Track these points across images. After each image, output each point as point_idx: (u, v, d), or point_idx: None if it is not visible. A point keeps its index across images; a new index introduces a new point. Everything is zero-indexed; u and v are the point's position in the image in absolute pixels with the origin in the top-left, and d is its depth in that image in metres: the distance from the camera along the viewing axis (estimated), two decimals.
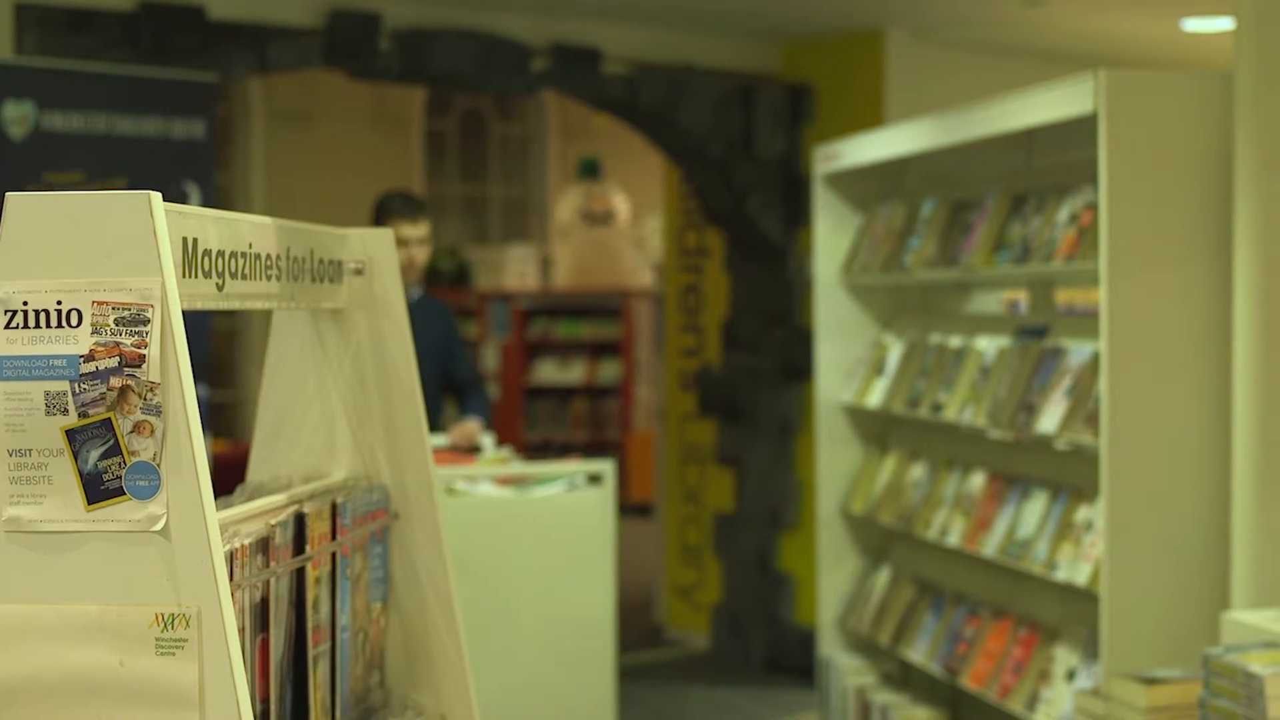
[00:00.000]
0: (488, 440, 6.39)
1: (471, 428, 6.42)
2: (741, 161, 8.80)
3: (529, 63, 8.11)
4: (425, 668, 3.31)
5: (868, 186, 6.91)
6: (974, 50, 9.11)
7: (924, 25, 8.67)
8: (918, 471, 6.34)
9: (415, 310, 6.04)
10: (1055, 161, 5.80)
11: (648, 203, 15.14)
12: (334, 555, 2.94)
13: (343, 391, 3.28)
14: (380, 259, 3.30)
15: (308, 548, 2.81)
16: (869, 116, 8.32)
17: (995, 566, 5.71)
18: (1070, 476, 5.37)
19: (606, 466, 5.95)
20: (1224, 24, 8.20)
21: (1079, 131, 5.10)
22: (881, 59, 8.66)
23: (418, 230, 6.31)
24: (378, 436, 3.28)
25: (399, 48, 7.68)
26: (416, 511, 3.26)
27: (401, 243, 5.86)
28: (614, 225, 16.03)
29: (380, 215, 6.36)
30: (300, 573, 2.79)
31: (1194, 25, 8.77)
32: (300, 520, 2.80)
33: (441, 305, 6.83)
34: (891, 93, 8.60)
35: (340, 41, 7.45)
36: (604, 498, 5.90)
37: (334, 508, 2.94)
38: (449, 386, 6.78)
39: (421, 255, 6.33)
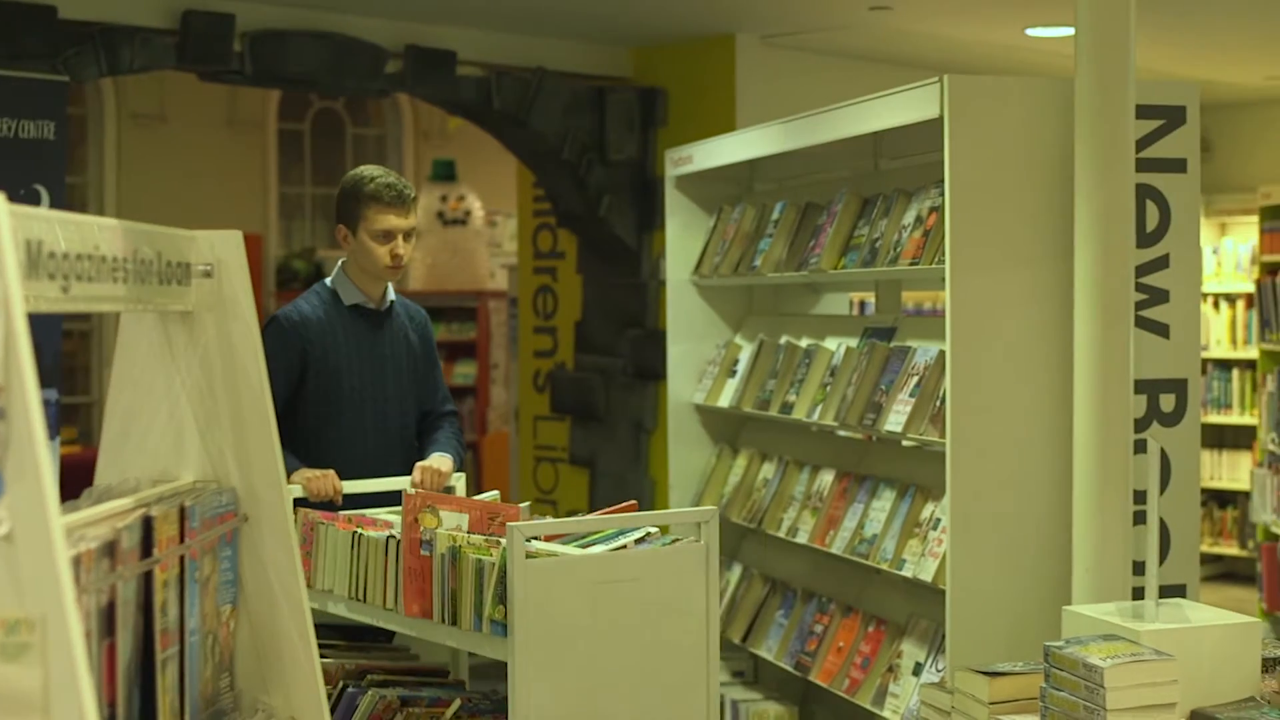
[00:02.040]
0: (458, 483, 5.26)
1: (442, 467, 5.15)
2: (594, 164, 8.83)
3: (383, 65, 8.10)
4: (275, 670, 3.31)
5: (719, 189, 6.97)
6: (823, 55, 9.21)
7: (774, 30, 8.76)
8: (768, 470, 6.40)
9: (386, 318, 5.33)
10: (902, 165, 5.89)
11: (502, 205, 15.12)
12: (182, 558, 2.93)
13: (191, 394, 3.27)
14: (229, 261, 3.29)
15: (155, 551, 2.80)
16: (720, 120, 8.39)
17: (844, 563, 5.78)
18: (917, 475, 5.46)
19: (708, 515, 4.35)
20: (1066, 31, 8.35)
21: (925, 135, 5.18)
22: (732, 63, 8.73)
23: (406, 222, 5.23)
24: (226, 439, 3.26)
25: (252, 49, 7.64)
26: (266, 514, 3.26)
27: (385, 235, 5.17)
28: (469, 227, 15.98)
29: (354, 199, 5.21)
30: (148, 576, 2.78)
31: (1037, 32, 8.93)
32: (148, 524, 2.78)
33: (419, 313, 5.56)
34: (742, 96, 8.68)
35: (193, 43, 7.39)
36: (706, 553, 4.31)
37: (182, 511, 2.93)
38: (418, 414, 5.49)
39: (408, 252, 5.22)
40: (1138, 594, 4.58)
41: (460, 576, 4.17)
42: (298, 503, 4.84)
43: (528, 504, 4.36)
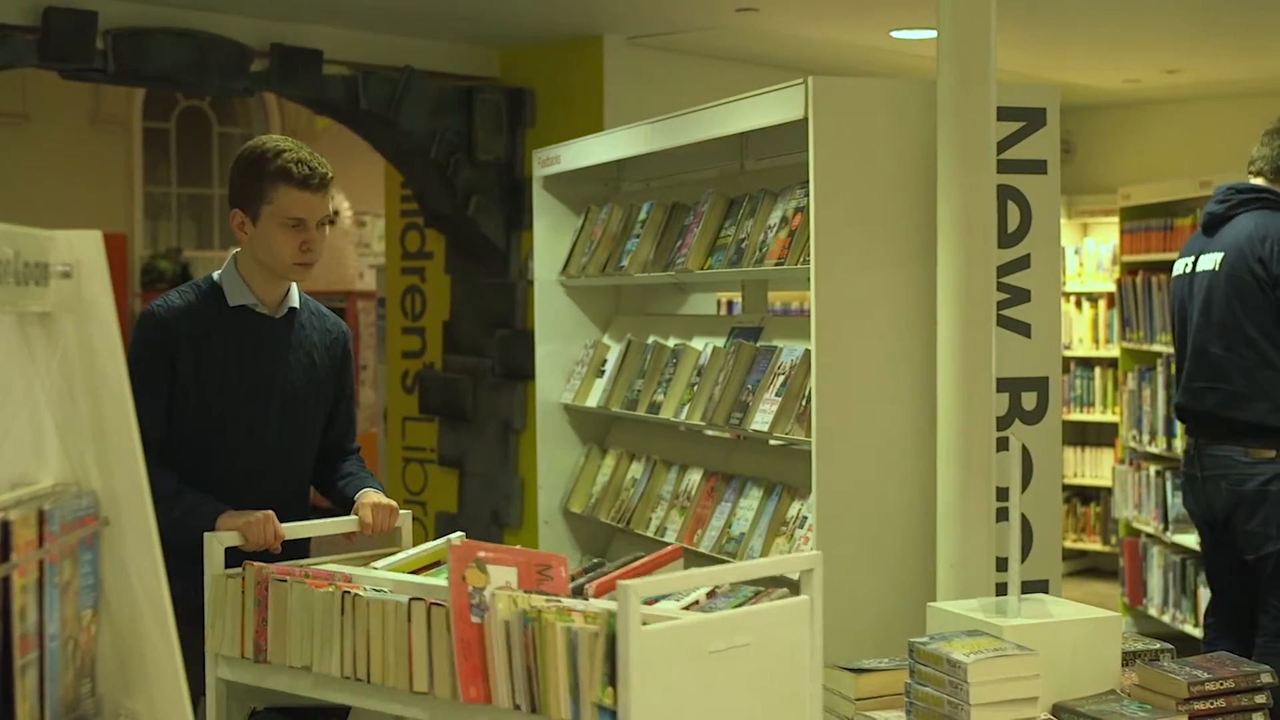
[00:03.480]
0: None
1: (390, 505, 4.42)
2: (462, 164, 8.82)
3: (248, 63, 8.04)
4: (138, 674, 3.27)
5: (586, 189, 6.97)
6: (691, 56, 9.25)
7: (641, 31, 8.78)
8: (636, 470, 6.42)
9: (283, 329, 4.36)
10: (768, 166, 5.92)
11: (370, 205, 15.06)
12: (41, 563, 2.90)
13: (51, 396, 3.22)
14: (88, 261, 3.24)
15: (13, 556, 2.76)
16: (588, 120, 8.40)
17: (714, 562, 5.80)
18: (783, 473, 5.49)
19: (813, 561, 3.67)
20: (930, 34, 8.44)
21: (791, 136, 5.21)
22: (600, 64, 8.75)
23: (322, 208, 4.32)
24: (87, 442, 3.22)
25: (114, 47, 7.55)
26: (127, 517, 3.22)
27: (295, 223, 4.25)
28: (336, 227, 15.91)
29: (255, 177, 4.27)
30: (5, 582, 2.75)
31: (902, 35, 9.01)
32: (5, 528, 2.75)
33: (338, 327, 4.60)
34: (610, 97, 8.70)
35: (54, 40, 7.30)
36: (812, 608, 3.65)
37: (41, 515, 2.89)
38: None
39: (321, 246, 4.33)
40: (1001, 590, 4.63)
41: (542, 651, 3.22)
42: (232, 554, 4.06)
43: (578, 557, 4.03)
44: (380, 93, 8.49)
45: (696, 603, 3.80)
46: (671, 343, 6.23)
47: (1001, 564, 4.76)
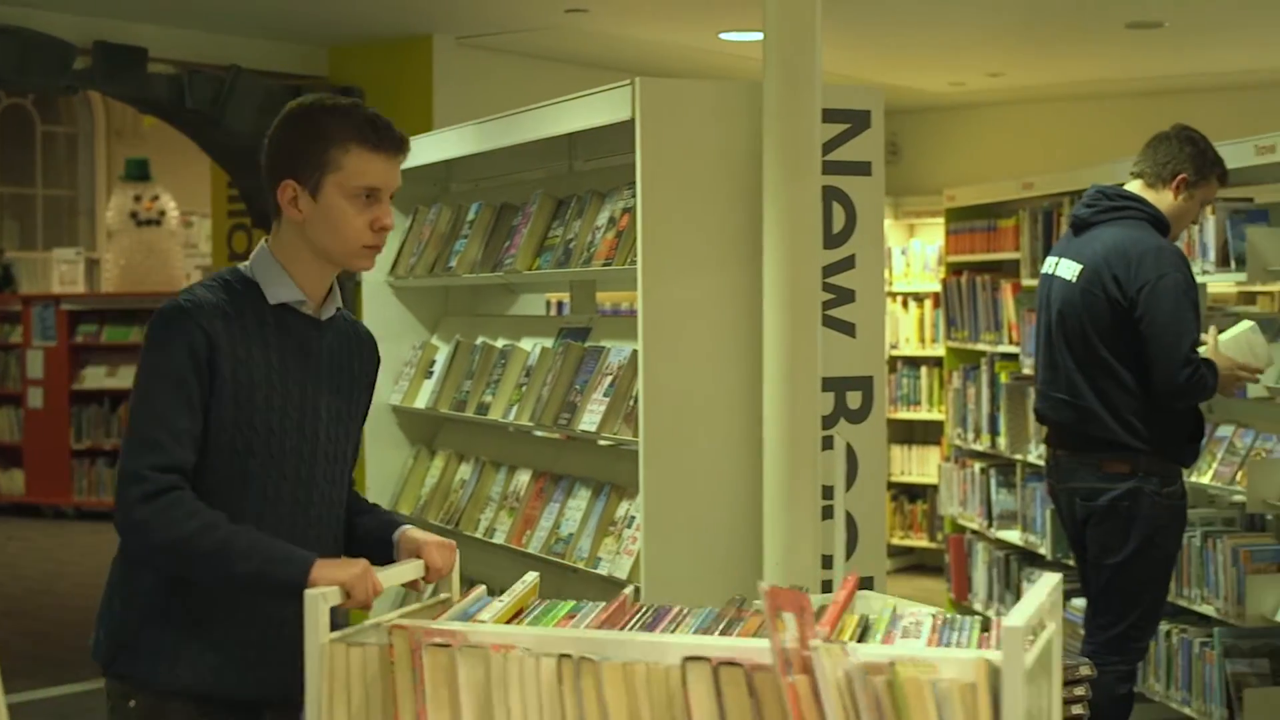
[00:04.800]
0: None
1: (451, 544, 3.62)
2: None
3: (71, 61, 7.91)
4: None
5: (415, 189, 6.93)
6: (521, 56, 9.25)
7: (471, 31, 8.77)
8: (465, 471, 6.40)
9: (327, 332, 3.60)
10: (596, 166, 5.94)
11: (198, 205, 14.88)
12: None
13: None
14: None
15: None
16: (417, 120, 8.37)
17: (541, 562, 5.80)
18: (612, 473, 5.50)
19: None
20: (757, 36, 8.51)
21: (619, 137, 5.23)
22: (429, 64, 8.73)
23: (396, 175, 3.54)
24: None
25: None
26: None
27: (369, 195, 3.46)
28: (163, 228, 15.70)
29: (319, 138, 3.43)
30: None
31: (730, 37, 9.08)
32: None
33: (369, 335, 3.85)
34: (439, 97, 8.68)
35: None
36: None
37: None
38: None
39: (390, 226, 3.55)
40: (827, 587, 4.68)
41: (904, 713, 2.49)
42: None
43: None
44: (206, 92, 8.39)
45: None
46: (500, 343, 6.22)
47: (827, 561, 4.82)
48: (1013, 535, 8.60)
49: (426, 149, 6.62)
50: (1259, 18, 9.00)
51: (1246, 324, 6.08)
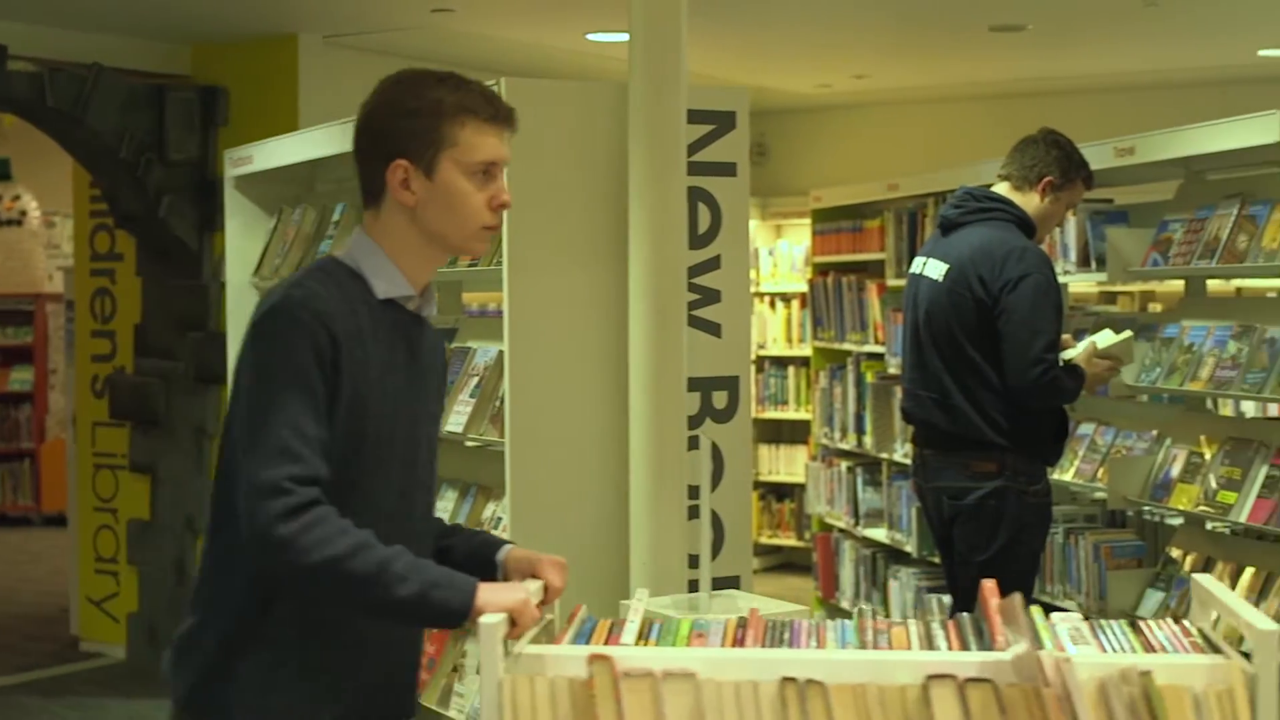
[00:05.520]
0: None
1: (564, 562, 3.29)
2: (153, 164, 8.64)
3: None
4: None
5: (280, 190, 6.89)
6: (388, 56, 9.19)
7: (337, 31, 8.71)
8: None
9: (424, 328, 3.29)
10: None
11: (60, 205, 14.67)
12: None
13: None
14: None
15: None
16: (283, 120, 8.31)
17: None
18: (479, 474, 5.49)
19: None
20: (625, 37, 8.52)
21: None
22: (295, 63, 8.67)
23: (508, 150, 3.26)
24: None
25: None
26: None
27: (486, 171, 3.17)
28: (24, 228, 15.48)
29: (432, 113, 3.11)
30: None
31: (597, 37, 9.08)
32: None
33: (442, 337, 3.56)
34: (305, 97, 8.62)
35: None
36: None
37: None
38: None
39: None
40: (694, 586, 4.70)
41: None
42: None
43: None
44: (68, 90, 8.27)
45: None
46: None
47: (694, 560, 4.83)
48: (879, 533, 8.66)
49: (291, 149, 6.58)
50: (1118, 22, 9.13)
51: (1128, 333, 6.19)
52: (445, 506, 5.52)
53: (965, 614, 2.67)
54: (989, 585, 2.61)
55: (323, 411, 2.93)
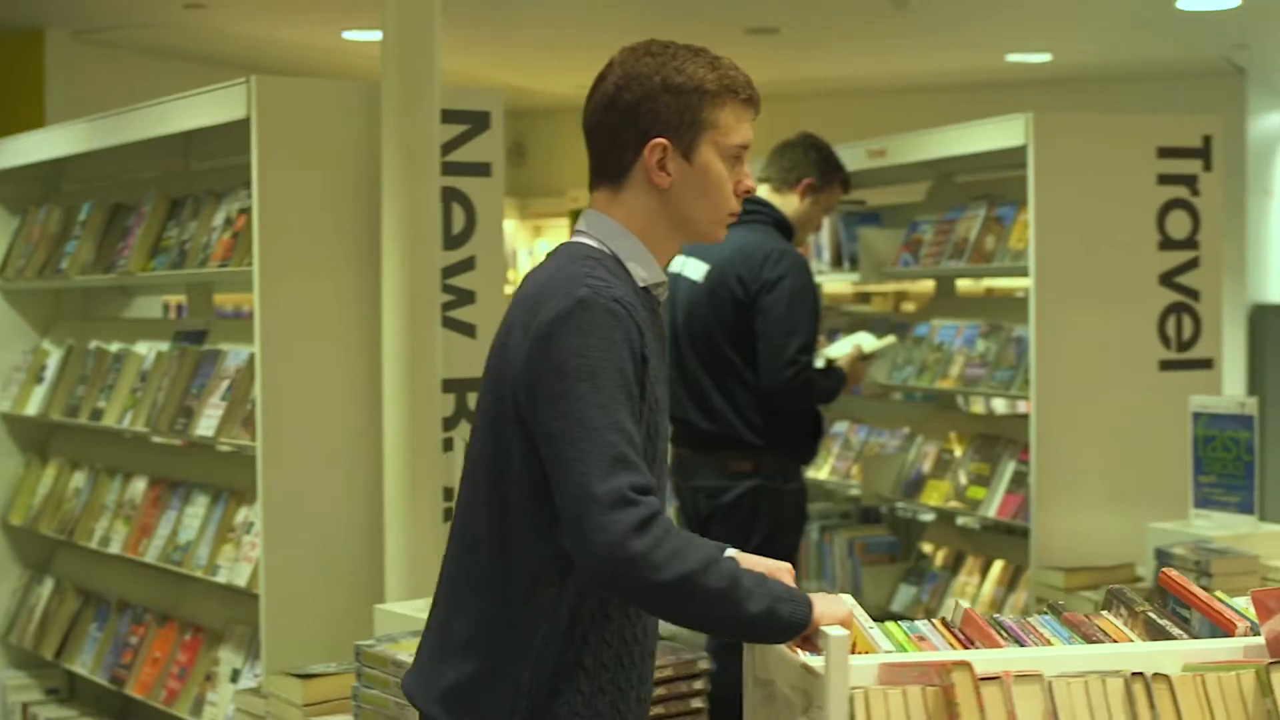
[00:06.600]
0: None
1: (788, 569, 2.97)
2: None
3: None
4: None
5: (25, 189, 6.72)
6: (139, 53, 9.05)
7: (86, 25, 8.54)
8: (79, 480, 6.22)
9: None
10: (213, 166, 5.83)
11: None
12: None
13: None
14: None
15: None
16: (28, 116, 8.12)
17: (159, 572, 5.67)
18: (231, 479, 5.40)
19: None
20: (380, 35, 8.46)
21: (236, 136, 5.13)
22: (41, 58, 8.48)
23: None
24: None
25: None
26: None
27: (737, 155, 3.01)
28: None
29: (693, 93, 2.97)
30: None
31: (353, 35, 9.01)
32: None
33: None
34: (52, 93, 8.44)
35: None
36: None
37: None
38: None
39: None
40: None
41: None
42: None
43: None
44: None
45: None
46: (114, 348, 6.05)
47: None
48: None
49: (36, 146, 6.44)
50: (870, 25, 9.29)
51: (891, 338, 6.31)
52: (196, 513, 5.42)
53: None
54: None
55: (639, 412, 2.74)
